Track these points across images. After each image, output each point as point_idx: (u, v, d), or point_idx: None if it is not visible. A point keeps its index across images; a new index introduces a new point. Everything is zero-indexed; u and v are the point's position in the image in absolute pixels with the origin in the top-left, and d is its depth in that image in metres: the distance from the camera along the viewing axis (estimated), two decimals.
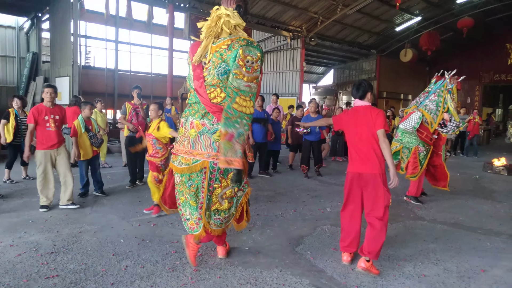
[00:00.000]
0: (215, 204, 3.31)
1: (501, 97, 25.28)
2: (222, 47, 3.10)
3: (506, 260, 3.93)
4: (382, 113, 3.60)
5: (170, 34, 12.30)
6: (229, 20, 3.14)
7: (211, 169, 3.21)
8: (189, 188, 3.29)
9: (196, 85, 3.24)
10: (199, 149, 3.22)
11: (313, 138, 8.09)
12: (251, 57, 3.03)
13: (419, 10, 17.41)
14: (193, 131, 3.26)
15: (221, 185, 3.27)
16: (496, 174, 9.30)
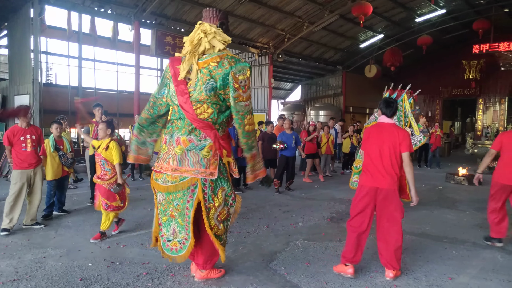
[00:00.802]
0: (214, 227, 3.28)
1: (459, 111, 26.51)
2: (211, 64, 3.13)
3: (471, 267, 4.06)
4: (407, 134, 3.79)
5: (136, 50, 12.19)
6: (215, 37, 3.20)
7: (203, 186, 3.19)
8: (175, 207, 3.23)
9: (180, 101, 3.21)
10: (186, 165, 3.19)
11: (289, 153, 8.18)
12: (243, 75, 3.12)
13: (381, 28, 18.14)
14: (179, 147, 3.22)
15: (215, 204, 3.25)
16: (458, 184, 9.67)
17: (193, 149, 3.20)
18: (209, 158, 3.21)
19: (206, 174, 3.18)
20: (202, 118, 3.18)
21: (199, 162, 3.18)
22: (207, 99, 3.16)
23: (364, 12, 12.91)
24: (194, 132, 3.22)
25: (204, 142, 3.21)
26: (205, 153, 3.19)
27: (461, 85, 21.59)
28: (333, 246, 4.71)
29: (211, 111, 3.20)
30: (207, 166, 3.19)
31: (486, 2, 16.22)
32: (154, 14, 12.30)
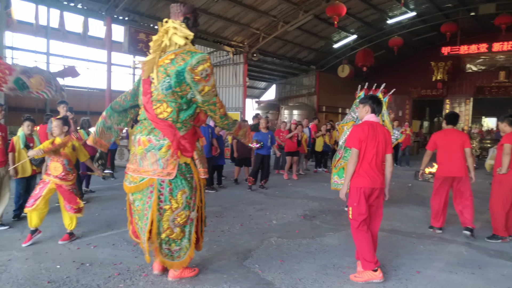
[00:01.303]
0: (166, 230, 3.19)
1: (428, 111, 27.31)
2: (165, 61, 3.07)
3: (438, 261, 4.21)
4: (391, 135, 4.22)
5: (108, 47, 11.93)
6: (175, 33, 3.12)
7: (159, 186, 3.12)
8: (137, 208, 3.18)
9: (144, 101, 3.18)
10: (145, 166, 3.14)
11: (265, 152, 8.22)
12: (202, 66, 3.03)
13: (355, 29, 18.46)
14: (140, 148, 3.18)
15: (172, 206, 3.17)
16: (426, 181, 9.97)
17: (152, 149, 3.15)
18: (167, 158, 3.14)
19: (164, 174, 3.12)
20: (161, 117, 3.13)
21: (157, 162, 3.13)
22: (164, 98, 3.11)
23: (338, 13, 13.10)
24: (153, 132, 3.17)
25: (162, 142, 3.14)
26: (162, 153, 3.13)
27: (429, 86, 22.25)
28: (306, 243, 4.77)
29: (170, 110, 3.14)
30: (164, 166, 3.12)
31: (454, 5, 16.78)
32: (127, 10, 12.06)
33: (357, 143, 3.63)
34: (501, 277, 3.83)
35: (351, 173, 3.65)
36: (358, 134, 3.66)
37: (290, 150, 10.24)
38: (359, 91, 6.90)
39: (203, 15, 13.52)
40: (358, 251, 3.73)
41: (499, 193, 4.96)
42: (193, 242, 3.36)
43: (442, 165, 5.27)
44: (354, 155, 3.63)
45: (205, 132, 7.80)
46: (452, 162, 5.14)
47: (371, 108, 3.82)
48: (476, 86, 21.31)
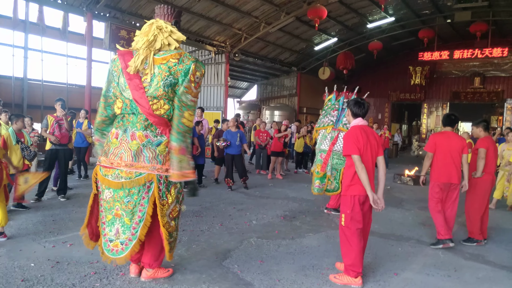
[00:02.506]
0: (166, 224, 3.22)
1: (406, 114, 27.87)
2: (171, 60, 3.13)
3: (415, 263, 4.29)
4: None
5: (88, 43, 11.69)
6: (170, 35, 3.22)
7: (158, 182, 3.15)
8: (126, 204, 3.11)
9: (135, 96, 3.14)
10: (142, 161, 3.13)
11: (234, 151, 8.19)
12: (200, 73, 3.18)
13: (335, 32, 18.67)
14: (135, 142, 3.15)
15: (168, 201, 3.22)
16: (404, 184, 10.17)
17: (149, 145, 3.16)
18: (165, 155, 3.20)
19: (162, 170, 3.17)
20: (158, 114, 3.16)
21: (156, 158, 3.16)
22: (164, 95, 3.16)
23: (319, 16, 13.22)
24: (150, 127, 3.19)
25: (161, 139, 3.19)
26: (161, 149, 3.19)
27: (408, 90, 22.71)
28: (286, 244, 4.79)
29: (168, 108, 3.19)
30: (163, 162, 3.18)
31: (431, 12, 17.18)
32: (108, 7, 11.85)
33: (356, 149, 3.53)
34: (476, 280, 3.91)
35: (368, 181, 3.48)
36: (354, 139, 3.57)
37: (276, 150, 10.35)
38: (328, 94, 6.92)
39: (185, 14, 13.43)
40: (344, 257, 3.66)
41: (474, 196, 5.08)
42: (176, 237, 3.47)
43: (442, 169, 4.85)
44: (357, 162, 3.49)
45: (194, 132, 7.73)
46: (452, 167, 4.82)
47: (351, 112, 3.79)
48: (452, 91, 21.88)
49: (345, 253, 3.63)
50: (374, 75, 24.12)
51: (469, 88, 21.29)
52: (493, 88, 20.77)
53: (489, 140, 5.14)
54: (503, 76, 20.45)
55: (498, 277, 4.00)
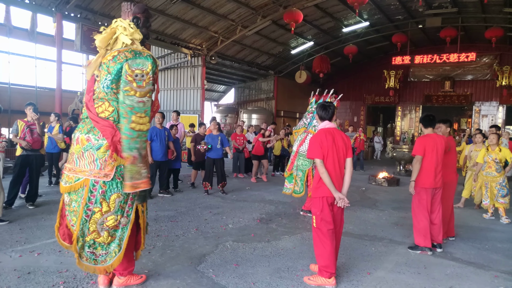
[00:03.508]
0: (92, 233, 3.03)
1: (381, 117, 28.43)
2: (108, 58, 2.99)
3: (387, 262, 4.36)
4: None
5: (58, 45, 11.38)
6: (122, 32, 3.05)
7: (91, 187, 2.97)
8: (74, 209, 3.02)
9: (86, 99, 3.06)
10: (82, 166, 3.00)
11: (215, 155, 8.12)
12: (140, 70, 2.94)
13: (311, 36, 18.87)
14: (77, 147, 3.04)
15: (102, 209, 3.01)
16: (378, 185, 10.34)
17: (90, 149, 3.01)
18: (105, 159, 2.99)
19: (100, 175, 2.97)
20: (103, 116, 3.02)
21: (94, 162, 2.99)
22: (106, 96, 3.02)
23: (295, 19, 13.34)
24: (93, 131, 3.03)
25: (102, 142, 3.00)
26: (101, 153, 2.99)
27: (382, 93, 23.17)
28: (261, 246, 4.78)
29: (112, 109, 3.03)
30: (101, 167, 2.98)
31: (403, 18, 17.60)
32: (79, 7, 11.59)
33: (319, 153, 3.59)
34: (445, 276, 4.02)
35: (331, 182, 3.57)
36: (317, 143, 3.62)
37: (258, 154, 10.51)
38: (312, 97, 7.02)
39: (160, 16, 13.31)
40: (318, 258, 3.69)
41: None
42: (124, 248, 3.17)
43: (429, 173, 4.68)
44: (320, 165, 3.57)
45: (161, 135, 7.64)
46: (439, 171, 4.73)
47: (318, 115, 3.86)
48: (424, 94, 22.46)
49: (319, 254, 3.66)
50: (350, 79, 24.52)
51: (440, 91, 21.91)
52: (463, 91, 21.45)
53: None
54: (471, 80, 21.15)
55: (465, 273, 4.12)
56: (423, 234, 4.65)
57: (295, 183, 6.64)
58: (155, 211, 6.46)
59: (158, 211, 6.45)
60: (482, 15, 16.28)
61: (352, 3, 12.01)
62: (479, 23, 17.21)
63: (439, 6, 15.88)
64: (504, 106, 20.42)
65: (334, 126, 3.84)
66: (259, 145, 10.57)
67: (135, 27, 3.13)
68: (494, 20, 16.26)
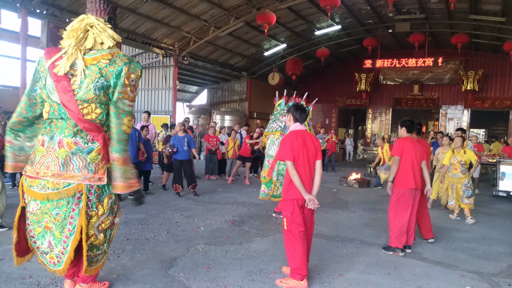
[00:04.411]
0: (91, 237, 2.97)
1: (353, 119, 28.91)
2: (102, 61, 2.89)
3: (359, 263, 4.41)
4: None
5: (23, 42, 10.94)
6: (103, 33, 2.97)
7: (87, 192, 2.90)
8: (55, 217, 2.86)
9: (63, 99, 2.87)
10: (71, 171, 2.86)
11: (182, 157, 8.01)
12: (135, 74, 2.96)
13: (284, 38, 18.97)
14: (63, 150, 2.88)
15: (98, 213, 2.97)
16: (350, 187, 10.49)
17: (79, 153, 2.90)
18: (98, 163, 2.95)
19: (95, 179, 2.93)
20: (89, 118, 2.92)
21: (87, 167, 2.90)
22: (95, 98, 2.91)
23: (268, 21, 13.37)
24: (80, 134, 2.93)
25: (92, 145, 2.94)
26: (93, 157, 2.93)
27: (354, 95, 23.55)
28: (233, 249, 4.74)
29: (100, 112, 2.95)
30: (95, 171, 2.93)
31: (374, 22, 17.98)
32: (45, 4, 11.19)
33: (290, 155, 3.60)
34: (414, 276, 4.10)
35: (301, 184, 3.57)
36: (288, 146, 3.64)
37: (244, 155, 10.62)
38: (278, 99, 7.02)
39: (131, 15, 13.04)
40: (289, 261, 3.68)
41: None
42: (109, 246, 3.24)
43: (409, 174, 4.74)
44: (290, 167, 3.57)
45: (132, 136, 7.47)
46: (418, 173, 4.82)
47: (293, 117, 3.84)
48: (394, 97, 22.99)
49: (290, 256, 3.65)
50: (322, 81, 24.81)
51: (409, 95, 22.49)
52: (430, 95, 22.10)
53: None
54: (438, 84, 21.83)
55: (433, 273, 4.22)
56: (398, 235, 4.72)
57: (275, 188, 6.61)
58: (125, 213, 6.29)
59: (128, 214, 6.28)
60: (448, 21, 16.82)
61: (324, 6, 12.15)
62: (446, 29, 17.79)
63: (408, 12, 16.31)
64: (468, 110, 21.16)
65: (305, 128, 3.85)
66: (246, 147, 10.57)
67: (111, 28, 3.05)
68: (460, 26, 16.84)
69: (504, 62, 19.40)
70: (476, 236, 5.84)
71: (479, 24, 16.24)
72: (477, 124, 23.60)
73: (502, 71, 20.14)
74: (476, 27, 16.71)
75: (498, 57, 19.67)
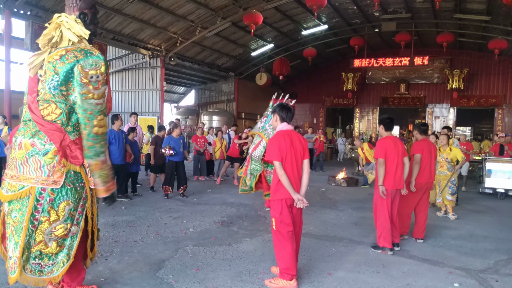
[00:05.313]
0: (39, 244, 2.80)
1: (340, 118, 29.09)
2: (54, 57, 2.76)
3: (347, 262, 4.43)
4: None
5: (6, 43, 10.75)
6: (69, 29, 2.84)
7: (38, 195, 2.75)
8: (13, 220, 2.78)
9: (29, 100, 2.81)
10: (26, 173, 2.76)
11: (177, 158, 7.96)
12: (95, 70, 2.75)
13: (271, 38, 18.99)
14: (21, 152, 2.79)
15: (50, 218, 2.79)
16: (338, 186, 10.54)
17: (36, 154, 2.79)
18: (54, 165, 2.79)
19: (49, 182, 2.77)
20: (49, 119, 2.81)
21: (41, 169, 2.78)
22: (52, 98, 2.80)
23: (254, 21, 13.35)
24: (38, 135, 2.81)
25: (49, 147, 2.80)
26: (48, 158, 2.79)
27: (341, 95, 23.70)
28: (222, 250, 4.71)
29: (60, 112, 2.82)
30: (49, 173, 2.78)
31: (361, 22, 18.12)
32: (29, 4, 11.00)
33: (278, 155, 3.58)
34: (402, 274, 4.13)
35: (289, 184, 3.55)
36: (276, 146, 3.61)
37: (232, 156, 10.62)
38: (273, 103, 7.01)
39: (116, 16, 12.90)
40: (278, 261, 3.67)
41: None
42: (73, 258, 2.96)
43: (391, 175, 4.76)
44: (278, 167, 3.56)
45: (119, 138, 7.39)
46: (399, 173, 4.81)
47: (279, 117, 3.82)
48: (381, 96, 23.20)
49: (279, 256, 3.64)
50: (310, 81, 24.90)
51: (396, 94, 22.71)
52: (417, 94, 22.36)
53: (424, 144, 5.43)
54: (425, 83, 22.10)
55: (421, 270, 4.26)
56: (385, 234, 4.75)
57: (243, 183, 6.71)
58: (113, 216, 6.23)
59: (116, 216, 6.22)
60: (434, 20, 17.04)
61: (311, 6, 12.18)
62: (431, 28, 18.01)
63: (394, 11, 16.48)
64: (454, 108, 21.47)
65: (292, 128, 3.84)
66: (235, 147, 10.56)
67: (82, 24, 2.92)
68: (445, 25, 17.07)
69: (489, 61, 19.74)
70: (463, 233, 5.91)
71: (464, 23, 16.49)
72: (463, 122, 23.94)
73: (487, 69, 20.49)
74: (461, 26, 16.96)
75: (483, 56, 20.00)
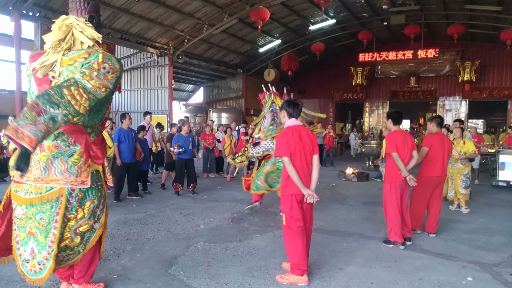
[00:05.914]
0: (66, 239, 2.89)
1: (350, 113, 28.92)
2: (78, 60, 2.78)
3: (358, 257, 4.40)
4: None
5: (17, 45, 10.89)
6: (82, 32, 2.87)
7: (68, 196, 2.83)
8: (39, 222, 2.81)
9: None
10: (53, 174, 2.81)
11: (186, 156, 7.99)
12: (109, 65, 2.77)
13: (279, 34, 18.92)
14: (44, 154, 2.82)
15: (77, 216, 2.89)
16: (348, 181, 10.48)
17: (61, 156, 2.84)
18: (80, 166, 2.88)
19: (77, 183, 2.87)
20: (72, 121, 2.81)
21: (69, 170, 2.85)
22: None
23: (261, 17, 13.30)
24: (62, 136, 2.85)
25: (74, 148, 2.87)
26: (75, 160, 2.87)
27: (350, 90, 23.55)
28: (233, 246, 4.72)
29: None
30: (77, 174, 2.87)
31: (369, 15, 17.95)
32: (37, 6, 11.12)
33: (287, 151, 3.57)
34: (414, 268, 4.09)
35: (299, 180, 3.55)
36: (284, 141, 3.60)
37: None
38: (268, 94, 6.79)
39: (124, 15, 12.97)
40: (289, 256, 3.67)
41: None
42: (88, 248, 3.09)
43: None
44: (287, 163, 3.55)
45: (129, 136, 7.44)
46: (408, 167, 4.80)
47: (287, 113, 3.81)
48: (391, 90, 22.99)
49: (290, 252, 3.64)
50: (318, 76, 24.78)
51: (406, 87, 22.48)
52: (427, 87, 22.10)
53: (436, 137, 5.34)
54: (435, 76, 21.83)
55: (433, 265, 4.21)
56: (395, 229, 4.71)
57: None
58: (124, 214, 6.29)
59: (127, 214, 6.27)
60: (444, 12, 16.77)
61: (318, 1, 12.10)
62: (441, 20, 17.77)
63: (402, 3, 16.28)
64: (466, 100, 21.18)
65: (300, 123, 3.83)
66: (242, 144, 10.52)
67: (92, 27, 2.95)
68: (455, 17, 16.82)
69: (501, 52, 19.40)
70: (477, 226, 5.83)
71: (475, 14, 16.22)
72: (475, 114, 23.61)
73: (499, 60, 20.15)
74: (472, 17, 16.68)
75: (495, 47, 19.67)
